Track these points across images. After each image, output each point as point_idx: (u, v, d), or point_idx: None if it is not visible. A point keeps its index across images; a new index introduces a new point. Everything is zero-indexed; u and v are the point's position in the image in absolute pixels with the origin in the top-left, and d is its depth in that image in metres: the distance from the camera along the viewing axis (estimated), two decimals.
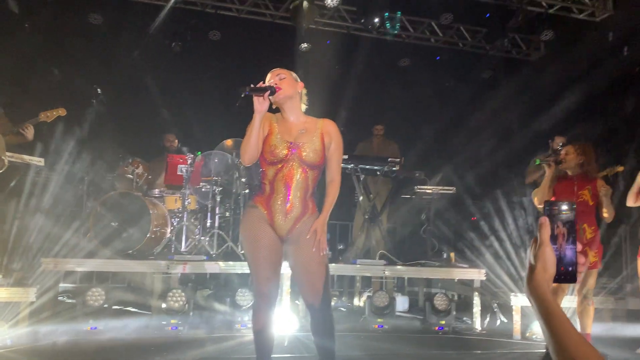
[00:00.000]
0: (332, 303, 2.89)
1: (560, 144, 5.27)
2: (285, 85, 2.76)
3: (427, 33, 8.61)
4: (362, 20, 7.42)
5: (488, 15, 7.96)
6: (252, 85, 2.63)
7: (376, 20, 7.34)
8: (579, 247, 1.16)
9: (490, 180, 7.52)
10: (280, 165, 2.72)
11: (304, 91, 2.93)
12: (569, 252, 1.15)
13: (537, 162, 4.61)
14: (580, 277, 4.20)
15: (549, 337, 1.06)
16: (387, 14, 7.42)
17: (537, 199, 4.50)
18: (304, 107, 2.92)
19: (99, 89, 5.93)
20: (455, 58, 8.92)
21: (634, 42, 6.65)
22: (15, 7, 7.03)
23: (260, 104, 2.62)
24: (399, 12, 7.43)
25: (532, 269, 1.14)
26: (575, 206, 1.19)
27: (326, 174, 2.87)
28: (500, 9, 7.66)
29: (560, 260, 1.14)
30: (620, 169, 4.38)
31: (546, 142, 6.17)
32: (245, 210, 2.84)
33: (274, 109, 2.82)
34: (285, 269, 2.91)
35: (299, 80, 2.90)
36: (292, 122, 2.82)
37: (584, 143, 4.43)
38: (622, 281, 5.39)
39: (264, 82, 2.76)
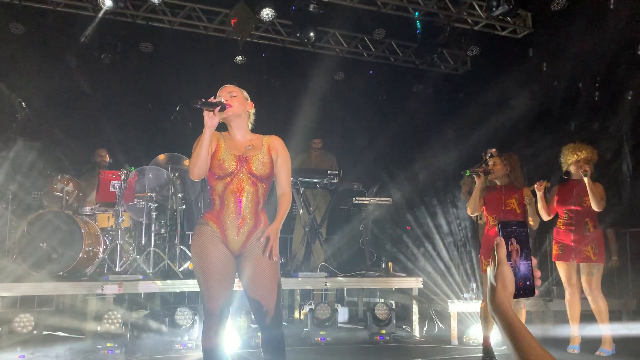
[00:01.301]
0: None
1: (490, 155, 5.50)
2: (236, 103, 2.76)
3: (360, 48, 8.81)
4: (298, 34, 7.48)
5: (418, 31, 8.25)
6: (203, 100, 2.60)
7: (311, 34, 7.42)
8: (534, 261, 1.23)
9: (424, 190, 7.76)
10: (228, 179, 2.70)
11: (252, 110, 2.93)
12: (523, 267, 1.21)
13: (467, 173, 4.80)
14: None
15: (513, 351, 1.11)
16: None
17: (470, 209, 4.69)
18: (250, 126, 2.92)
19: (23, 102, 5.63)
20: (387, 72, 9.19)
21: (552, 58, 7.11)
22: None
23: (210, 119, 2.60)
24: None
25: (493, 289, 1.19)
26: (526, 223, 1.26)
27: (277, 188, 2.87)
28: (430, 25, 7.97)
29: (516, 275, 1.20)
30: (547, 184, 4.65)
31: (477, 152, 6.45)
32: (196, 227, 2.77)
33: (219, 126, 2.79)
34: (237, 285, 2.86)
35: (249, 99, 2.91)
36: (238, 140, 2.82)
37: (510, 153, 4.65)
38: (550, 284, 5.71)
39: (214, 98, 2.74)
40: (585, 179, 4.54)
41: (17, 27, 7.22)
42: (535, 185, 4.58)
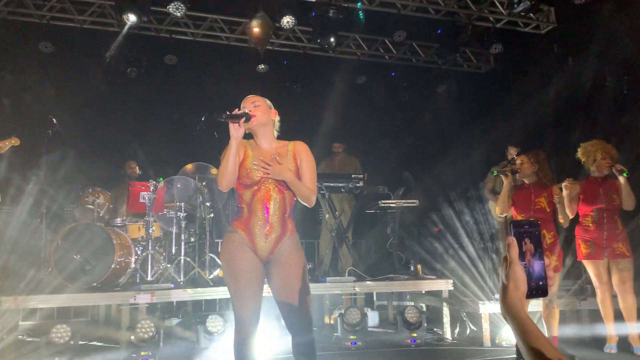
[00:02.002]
0: None
1: (515, 154, 5.44)
2: (259, 112, 2.80)
3: (381, 50, 8.80)
4: (319, 40, 7.53)
5: (439, 31, 8.21)
6: (227, 112, 2.67)
7: (332, 39, 7.45)
8: (547, 261, 1.22)
9: (451, 190, 7.68)
10: (256, 188, 2.75)
11: (277, 118, 2.97)
12: (537, 267, 1.20)
13: (495, 173, 4.76)
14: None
15: (525, 352, 1.10)
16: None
17: (498, 209, 4.64)
18: (276, 133, 2.96)
19: (54, 119, 5.79)
20: (409, 73, 9.16)
21: (578, 52, 6.97)
22: None
23: (236, 131, 2.66)
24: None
25: (504, 289, 1.18)
26: (539, 222, 1.25)
27: None
28: (451, 25, 7.91)
29: (530, 275, 1.19)
30: (573, 182, 4.58)
31: (503, 151, 6.38)
32: (225, 235, 2.81)
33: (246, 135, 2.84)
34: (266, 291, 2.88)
35: (272, 107, 2.94)
36: (265, 149, 2.86)
37: (537, 151, 4.59)
38: (583, 283, 5.59)
39: (239, 109, 2.79)
40: (622, 179, 4.46)
41: (47, 46, 7.46)
42: (564, 184, 4.50)
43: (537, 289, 1.19)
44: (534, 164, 4.49)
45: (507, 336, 5.08)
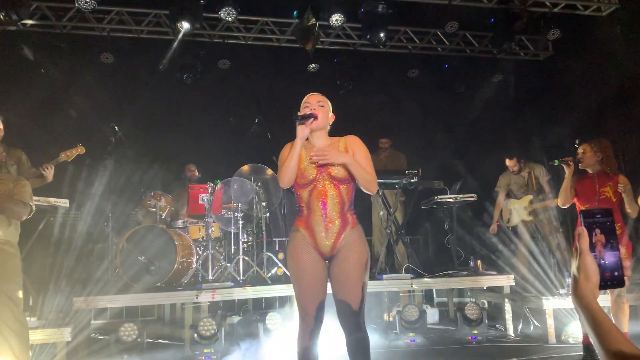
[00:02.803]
0: None
1: (577, 142, 5.23)
2: (321, 115, 2.86)
3: (434, 42, 8.65)
4: (368, 36, 7.49)
5: (493, 20, 7.97)
6: (299, 114, 2.77)
7: (382, 34, 7.39)
8: (622, 250, 1.18)
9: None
10: (312, 186, 2.81)
11: (331, 122, 3.01)
12: (611, 257, 1.17)
13: (556, 162, 4.58)
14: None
15: (597, 344, 1.08)
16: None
17: (560, 200, 4.47)
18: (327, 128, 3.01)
19: (116, 127, 6.05)
20: (464, 64, 8.95)
21: None
22: (30, 54, 7.26)
23: (302, 130, 2.75)
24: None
25: (575, 280, 1.16)
26: (611, 211, 1.20)
27: None
28: (505, 12, 7.67)
29: (603, 266, 1.16)
30: None
31: (563, 140, 6.16)
32: (289, 235, 2.90)
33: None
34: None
35: (331, 112, 2.98)
36: (318, 147, 2.87)
37: (601, 139, 4.39)
38: None
39: (308, 108, 2.86)
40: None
41: (107, 57, 7.81)
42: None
43: (613, 280, 1.16)
44: (597, 152, 4.32)
45: (574, 332, 4.89)
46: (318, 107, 2.86)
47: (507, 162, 6.60)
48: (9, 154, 4.79)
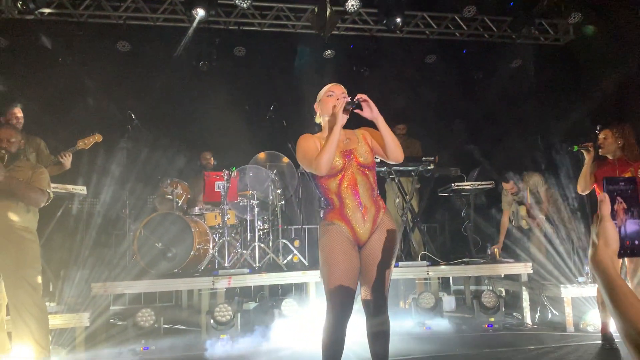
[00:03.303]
0: None
1: (598, 128, 5.14)
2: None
3: (452, 27, 8.51)
4: (385, 21, 7.40)
5: (512, 3, 7.82)
6: (354, 100, 2.71)
7: (398, 20, 7.30)
8: None
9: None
10: (340, 175, 2.77)
11: None
12: (632, 225, 1.16)
13: (575, 148, 4.51)
14: (632, 264, 4.07)
15: (613, 310, 1.08)
16: None
17: (580, 187, 4.40)
18: None
19: (132, 114, 6.09)
20: (482, 50, 8.80)
21: None
22: (48, 43, 7.31)
23: (343, 118, 2.70)
24: None
25: (594, 246, 1.16)
26: (635, 180, 1.19)
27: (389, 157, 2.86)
28: None
29: (624, 234, 1.15)
30: None
31: (585, 125, 6.04)
32: (322, 228, 2.83)
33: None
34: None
35: None
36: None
37: (622, 125, 4.30)
38: None
39: (347, 97, 2.80)
40: None
41: (124, 45, 7.83)
42: None
43: (633, 248, 1.15)
44: (618, 138, 4.24)
45: (592, 321, 4.83)
46: (343, 98, 2.82)
47: (504, 185, 6.45)
48: (28, 142, 4.86)
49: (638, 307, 1.04)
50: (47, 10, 7.19)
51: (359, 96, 2.71)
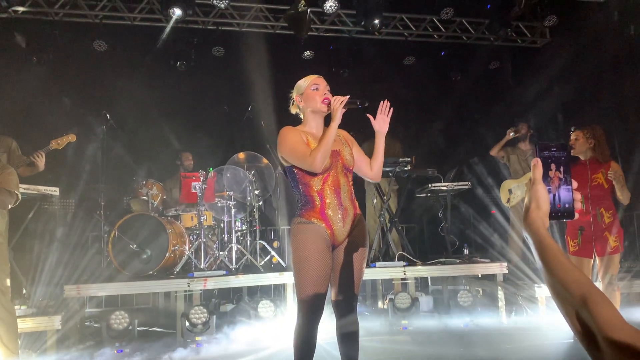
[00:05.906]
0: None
1: (572, 129, 5.21)
2: (331, 99, 2.77)
3: (430, 29, 8.57)
4: (363, 23, 7.41)
5: (489, 6, 7.90)
6: (355, 100, 2.72)
7: (376, 21, 7.32)
8: (575, 184, 1.21)
9: (504, 171, 7.45)
10: (325, 174, 2.73)
11: None
12: (564, 192, 1.21)
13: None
14: (603, 262, 4.13)
15: (543, 267, 1.12)
16: None
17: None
18: None
19: (108, 114, 6.01)
20: (460, 51, 8.87)
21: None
22: (22, 42, 7.19)
23: (341, 114, 2.68)
24: None
25: (527, 208, 1.20)
26: (567, 146, 1.23)
27: (366, 175, 2.96)
28: None
29: (556, 199, 1.21)
30: None
31: (558, 128, 6.12)
32: (295, 226, 2.75)
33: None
34: None
35: None
36: (319, 135, 2.78)
37: (594, 126, 4.38)
38: None
39: (316, 90, 2.82)
40: None
41: (100, 45, 7.73)
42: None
43: (563, 212, 1.21)
44: (589, 139, 4.31)
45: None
46: (328, 92, 2.81)
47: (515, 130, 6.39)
48: None
49: (565, 264, 1.09)
50: (20, 9, 7.07)
51: (385, 104, 2.71)
